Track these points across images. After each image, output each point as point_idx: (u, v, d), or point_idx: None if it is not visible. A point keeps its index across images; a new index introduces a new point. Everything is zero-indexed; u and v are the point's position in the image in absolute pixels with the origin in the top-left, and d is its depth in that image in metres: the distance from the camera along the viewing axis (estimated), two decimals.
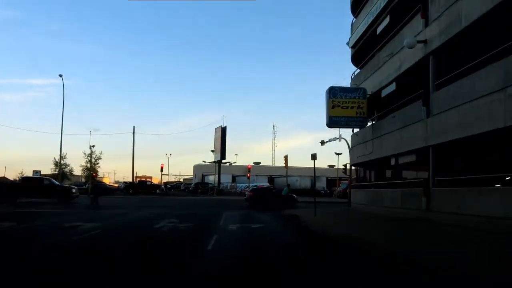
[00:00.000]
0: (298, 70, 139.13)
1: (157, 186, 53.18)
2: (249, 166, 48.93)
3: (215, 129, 54.97)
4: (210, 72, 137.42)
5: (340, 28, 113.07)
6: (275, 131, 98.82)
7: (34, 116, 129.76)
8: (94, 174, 46.98)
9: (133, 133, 46.56)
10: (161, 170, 46.11)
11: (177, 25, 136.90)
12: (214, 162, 52.37)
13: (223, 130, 52.15)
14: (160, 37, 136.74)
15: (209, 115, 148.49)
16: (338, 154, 59.61)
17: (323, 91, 19.98)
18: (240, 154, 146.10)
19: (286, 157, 38.18)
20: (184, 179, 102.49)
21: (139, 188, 50.50)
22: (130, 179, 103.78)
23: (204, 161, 52.95)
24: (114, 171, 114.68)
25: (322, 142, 31.90)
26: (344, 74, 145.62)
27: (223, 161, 51.98)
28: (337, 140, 29.64)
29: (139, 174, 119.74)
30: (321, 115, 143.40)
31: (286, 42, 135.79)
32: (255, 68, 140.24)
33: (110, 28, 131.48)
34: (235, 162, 52.24)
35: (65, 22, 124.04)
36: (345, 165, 31.24)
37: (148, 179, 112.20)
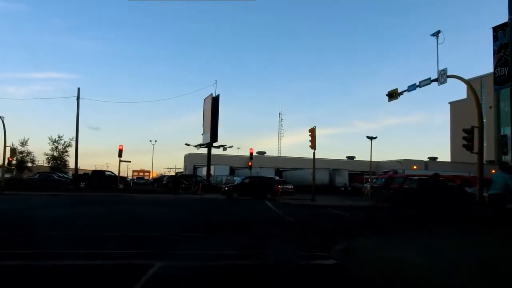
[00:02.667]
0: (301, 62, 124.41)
1: (122, 179, 37.93)
2: (251, 150, 33.60)
3: (204, 100, 39.42)
4: (211, 63, 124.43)
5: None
6: (281, 119, 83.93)
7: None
8: (9, 159, 31.75)
9: (78, 98, 31.27)
10: (119, 155, 30.95)
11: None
12: (202, 145, 36.99)
13: (215, 100, 36.67)
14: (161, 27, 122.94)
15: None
16: (371, 138, 44.18)
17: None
18: (242, 148, 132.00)
19: (313, 130, 22.80)
20: (176, 172, 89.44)
21: (94, 181, 35.56)
22: (128, 173, 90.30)
23: (187, 144, 37.70)
24: (107, 164, 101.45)
25: (391, 95, 16.40)
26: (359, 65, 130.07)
27: (215, 144, 36.57)
28: (432, 82, 14.18)
29: (137, 168, 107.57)
30: (327, 109, 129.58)
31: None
32: (257, 57, 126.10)
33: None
34: (231, 146, 36.92)
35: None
36: None
37: (146, 174, 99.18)
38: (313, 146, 22.75)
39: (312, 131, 22.72)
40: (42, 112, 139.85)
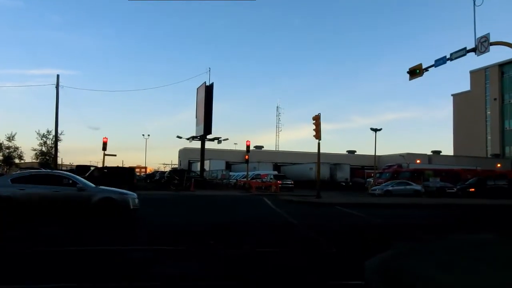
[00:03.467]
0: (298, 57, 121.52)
1: None
2: (248, 143, 30.91)
3: (197, 89, 36.68)
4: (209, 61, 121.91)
5: None
6: (279, 113, 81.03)
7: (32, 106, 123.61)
8: None
9: (57, 86, 28.38)
10: (104, 148, 28.22)
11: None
12: (195, 137, 34.28)
13: (209, 89, 33.93)
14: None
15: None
16: (375, 130, 41.52)
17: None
18: (239, 144, 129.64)
19: (318, 118, 20.12)
20: (172, 168, 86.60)
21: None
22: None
23: (179, 137, 34.90)
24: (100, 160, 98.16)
25: (413, 72, 13.72)
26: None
27: (209, 136, 33.87)
28: (468, 53, 11.57)
29: (134, 165, 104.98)
30: (325, 104, 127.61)
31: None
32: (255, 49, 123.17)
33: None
34: (226, 139, 34.18)
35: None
36: None
37: (142, 170, 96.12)
38: (317, 136, 20.07)
39: (317, 119, 20.05)
40: (32, 107, 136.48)
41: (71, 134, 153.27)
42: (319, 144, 20.47)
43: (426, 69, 13.41)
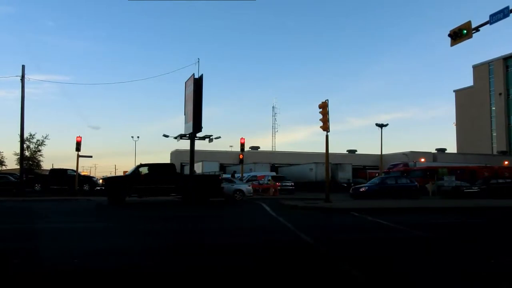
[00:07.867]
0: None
1: (87, 179, 31.69)
2: (242, 140, 27.36)
3: (186, 82, 32.85)
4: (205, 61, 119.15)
5: None
6: (275, 114, 77.68)
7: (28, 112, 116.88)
8: None
9: (22, 78, 24.59)
10: (77, 148, 24.59)
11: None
12: (183, 136, 30.61)
13: (198, 82, 30.16)
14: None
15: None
16: (381, 125, 38.21)
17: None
18: (235, 147, 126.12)
19: (325, 106, 16.69)
20: None
21: (53, 182, 29.34)
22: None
23: (165, 135, 31.17)
24: (95, 165, 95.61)
25: (458, 34, 10.37)
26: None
27: (199, 134, 30.20)
28: None
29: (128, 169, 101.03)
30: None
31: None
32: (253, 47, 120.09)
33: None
34: (218, 137, 30.49)
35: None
36: None
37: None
38: (325, 127, 16.62)
39: (324, 107, 16.61)
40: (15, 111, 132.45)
41: (45, 132, 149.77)
42: (327, 136, 17.03)
43: (477, 29, 10.02)
